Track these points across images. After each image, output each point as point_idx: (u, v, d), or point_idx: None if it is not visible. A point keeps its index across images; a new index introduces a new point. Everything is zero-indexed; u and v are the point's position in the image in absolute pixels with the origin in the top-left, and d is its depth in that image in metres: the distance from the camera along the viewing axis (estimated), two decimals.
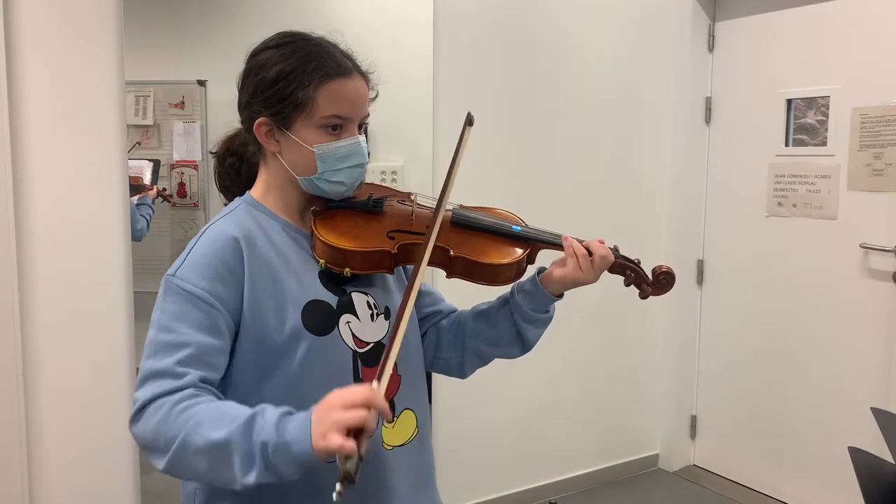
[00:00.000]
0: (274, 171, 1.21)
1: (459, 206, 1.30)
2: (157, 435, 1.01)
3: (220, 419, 0.97)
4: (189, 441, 0.97)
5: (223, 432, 0.96)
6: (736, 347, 3.39)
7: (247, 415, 0.97)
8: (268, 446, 0.94)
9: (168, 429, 0.99)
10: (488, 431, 3.07)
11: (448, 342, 1.35)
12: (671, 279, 1.30)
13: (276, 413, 0.97)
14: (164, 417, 1.00)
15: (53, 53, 2.09)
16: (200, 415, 0.99)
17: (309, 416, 0.94)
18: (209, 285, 1.09)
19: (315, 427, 0.92)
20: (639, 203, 3.40)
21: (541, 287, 1.25)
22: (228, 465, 0.96)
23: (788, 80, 3.11)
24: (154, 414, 1.01)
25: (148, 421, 1.02)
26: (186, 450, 0.98)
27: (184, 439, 0.98)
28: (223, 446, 0.95)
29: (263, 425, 0.95)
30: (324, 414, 0.92)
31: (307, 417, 0.94)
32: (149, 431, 1.02)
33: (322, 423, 0.91)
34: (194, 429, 0.97)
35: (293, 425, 0.94)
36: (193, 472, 1.01)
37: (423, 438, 1.27)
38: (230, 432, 0.95)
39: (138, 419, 1.03)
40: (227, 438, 0.95)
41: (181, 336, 1.06)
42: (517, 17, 2.97)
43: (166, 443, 0.99)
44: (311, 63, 1.14)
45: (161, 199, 2.85)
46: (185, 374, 1.04)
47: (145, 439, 1.03)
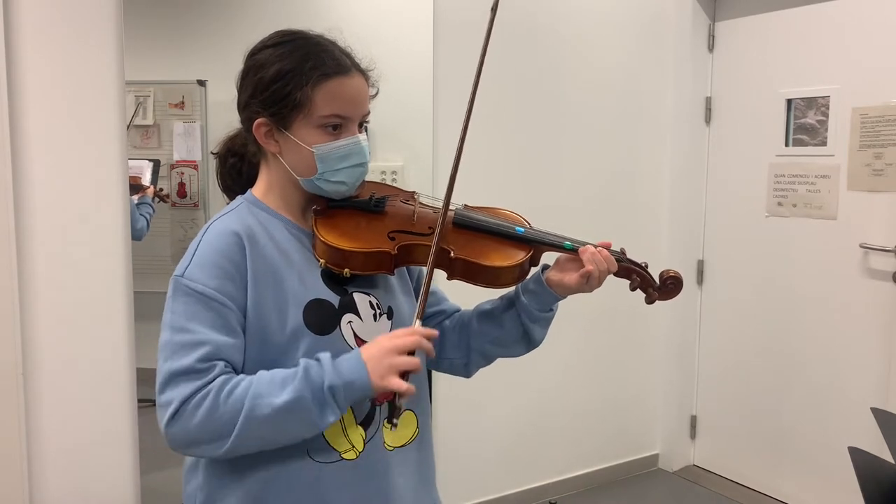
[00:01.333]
0: (275, 171, 1.20)
1: (463, 206, 1.29)
2: (206, 425, 1.03)
3: (274, 385, 1.04)
4: (254, 415, 1.02)
5: (287, 393, 1.03)
6: (736, 347, 3.39)
7: (300, 369, 1.05)
8: (334, 389, 1.04)
9: (223, 414, 1.03)
10: (489, 431, 3.07)
11: (453, 342, 1.35)
12: (679, 284, 1.28)
13: (327, 358, 1.07)
14: (212, 406, 1.03)
15: (53, 53, 2.09)
16: (253, 389, 1.04)
17: (359, 357, 1.06)
18: (218, 284, 1.09)
19: (372, 368, 1.05)
20: (639, 203, 3.40)
21: (546, 287, 1.24)
22: (305, 416, 1.04)
23: (788, 80, 3.11)
24: (197, 408, 1.03)
25: (190, 417, 1.03)
26: (253, 423, 1.02)
27: (247, 416, 1.02)
28: (295, 404, 1.03)
29: (322, 372, 1.05)
30: (379, 357, 1.06)
31: (358, 359, 1.06)
32: (194, 427, 1.03)
33: (379, 366, 1.05)
34: (254, 402, 1.03)
35: (348, 366, 1.06)
36: (261, 442, 1.07)
37: (423, 438, 1.27)
38: (296, 389, 1.03)
39: (176, 420, 1.04)
40: (297, 396, 1.03)
41: (197, 335, 1.06)
42: (517, 18, 2.96)
43: (223, 427, 1.03)
44: (308, 62, 1.13)
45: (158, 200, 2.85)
46: (210, 369, 1.05)
47: (190, 436, 1.04)
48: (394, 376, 1.04)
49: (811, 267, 3.06)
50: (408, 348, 1.06)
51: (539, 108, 3.07)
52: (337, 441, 1.14)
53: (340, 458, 1.14)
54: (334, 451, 1.14)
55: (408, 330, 1.09)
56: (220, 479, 1.15)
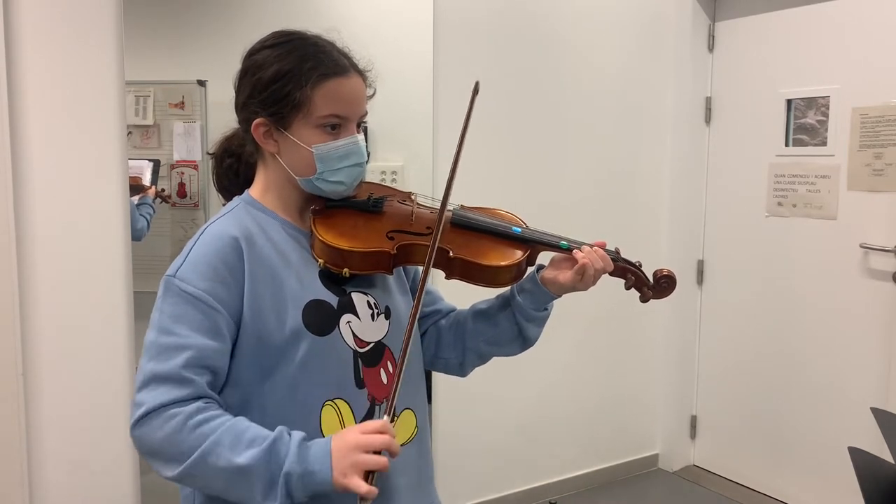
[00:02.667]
0: (272, 171, 1.20)
1: (460, 207, 1.29)
2: (166, 445, 1.02)
3: (239, 440, 1.01)
4: (207, 459, 1.00)
5: (245, 457, 0.99)
6: (736, 347, 3.39)
7: (268, 440, 1.01)
8: (291, 476, 0.99)
9: (181, 442, 1.01)
10: (488, 431, 3.07)
11: (448, 342, 1.35)
12: (672, 283, 1.29)
13: (295, 440, 1.02)
14: (177, 429, 1.01)
15: (53, 53, 2.09)
16: (218, 433, 1.01)
17: (328, 447, 1.01)
18: (209, 286, 1.08)
19: (336, 463, 1.00)
20: (639, 203, 3.40)
21: (541, 286, 1.25)
22: (249, 489, 1.00)
23: (788, 80, 3.11)
24: (164, 423, 1.02)
25: (156, 429, 1.02)
26: (204, 466, 1.00)
27: (202, 456, 1.00)
28: (245, 471, 0.99)
29: (286, 453, 1.00)
30: (345, 453, 1.00)
31: (326, 449, 1.01)
32: (156, 440, 1.02)
33: (343, 462, 0.99)
34: (213, 447, 1.00)
35: (314, 456, 1.01)
36: (205, 486, 1.05)
37: (422, 438, 1.27)
38: (253, 458, 0.99)
39: (142, 424, 1.03)
40: (250, 465, 0.99)
41: (181, 338, 1.06)
42: (517, 18, 2.96)
43: (178, 455, 1.01)
44: (307, 62, 1.13)
45: (159, 200, 2.85)
46: (190, 382, 1.04)
47: (150, 446, 1.04)
48: (356, 475, 0.99)
49: (811, 267, 3.06)
50: (376, 447, 1.00)
51: (539, 108, 3.07)
52: None
53: None
54: None
55: (379, 425, 1.03)
56: None
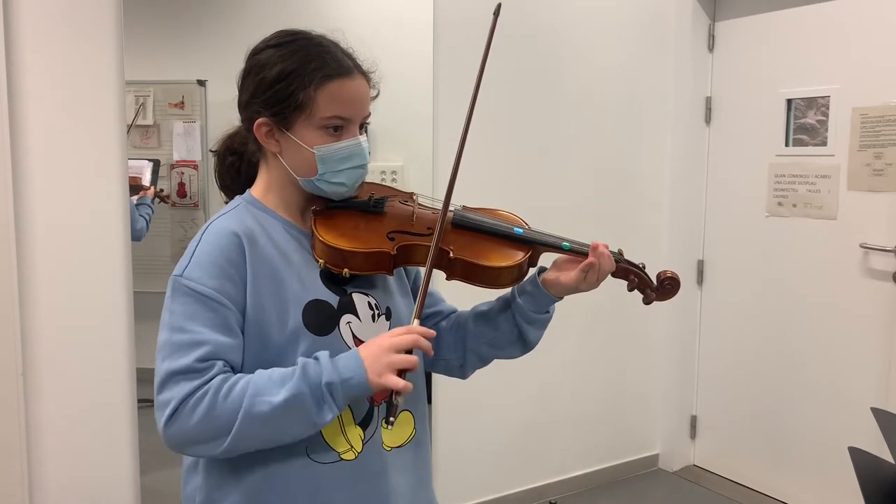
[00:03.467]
0: (274, 171, 1.20)
1: (462, 207, 1.29)
2: (205, 424, 1.03)
3: (272, 383, 1.04)
4: (252, 413, 1.02)
5: (285, 391, 1.03)
6: (736, 347, 3.39)
7: (298, 367, 1.06)
8: (332, 385, 1.04)
9: (221, 413, 1.03)
10: (488, 431, 3.07)
11: (448, 344, 1.35)
12: (676, 285, 1.28)
13: (325, 356, 1.07)
14: (210, 406, 1.03)
15: (53, 53, 2.09)
16: (251, 388, 1.04)
17: (357, 355, 1.06)
18: (217, 284, 1.09)
19: (370, 366, 1.05)
20: (639, 203, 3.40)
21: (542, 289, 1.25)
22: (303, 414, 1.04)
23: (788, 80, 3.11)
24: (195, 407, 1.03)
25: (189, 417, 1.03)
26: (251, 422, 1.02)
27: (246, 414, 1.02)
28: (293, 401, 1.03)
29: (320, 369, 1.05)
30: (377, 355, 1.06)
31: (356, 356, 1.06)
32: (192, 426, 1.03)
33: (377, 364, 1.05)
34: (253, 401, 1.03)
35: (346, 364, 1.06)
36: (260, 440, 1.07)
37: (420, 439, 1.27)
38: (294, 386, 1.03)
39: (175, 420, 1.04)
40: (295, 392, 1.03)
41: (196, 335, 1.06)
42: (517, 18, 2.96)
43: (222, 426, 1.03)
44: (311, 63, 1.13)
45: (158, 200, 2.85)
46: (208, 368, 1.05)
47: (188, 435, 1.04)
48: (391, 374, 1.04)
49: (811, 267, 3.06)
50: (405, 346, 1.06)
51: (539, 108, 3.07)
52: (336, 441, 1.14)
53: (339, 458, 1.15)
54: (333, 452, 1.14)
55: (406, 328, 1.08)
56: (219, 479, 1.15)
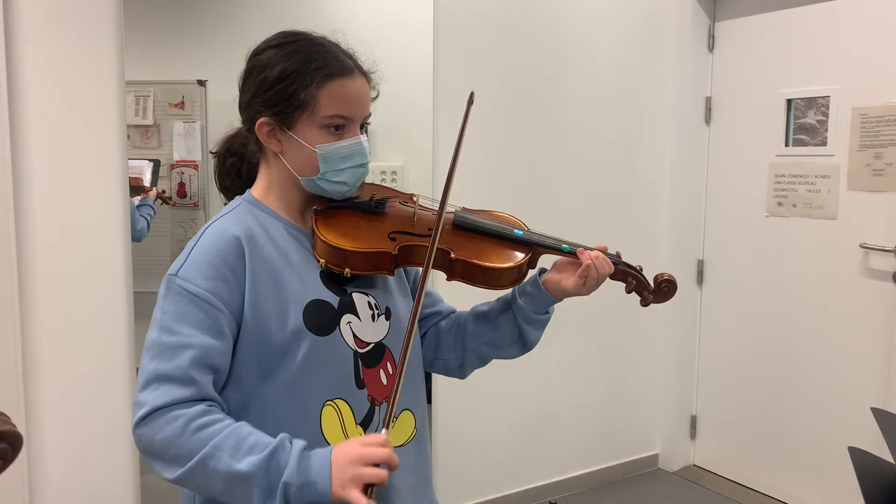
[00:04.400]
0: (275, 171, 1.21)
1: (462, 209, 1.29)
2: (167, 447, 1.02)
3: (240, 446, 1.01)
4: (207, 463, 1.00)
5: (245, 464, 0.99)
6: (736, 347, 3.39)
7: (269, 448, 1.01)
8: (290, 486, 0.99)
9: (183, 444, 1.01)
10: (488, 431, 3.07)
11: (448, 344, 1.35)
12: (673, 287, 1.29)
13: (296, 450, 1.01)
14: (178, 432, 1.01)
15: (53, 53, 2.09)
16: (220, 437, 1.01)
17: (328, 458, 1.01)
18: (211, 285, 1.08)
19: (336, 475, 0.99)
20: (639, 203, 3.40)
21: (543, 290, 1.25)
22: (248, 495, 1.00)
23: (788, 80, 3.11)
24: (166, 425, 1.02)
25: (157, 430, 1.02)
26: (204, 470, 1.00)
27: (202, 460, 1.00)
28: (245, 478, 0.99)
29: (286, 462, 1.00)
30: (345, 465, 0.99)
31: (327, 460, 1.00)
32: (157, 441, 1.02)
33: (343, 474, 0.99)
34: (214, 452, 1.00)
35: (314, 467, 1.00)
36: (205, 490, 1.04)
37: (421, 439, 1.27)
38: (253, 465, 0.99)
39: (144, 424, 1.03)
40: (250, 472, 0.99)
41: (184, 337, 1.06)
42: (517, 17, 2.96)
43: (179, 458, 1.01)
44: (313, 63, 1.13)
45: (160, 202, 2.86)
46: (193, 382, 1.04)
47: (151, 447, 1.04)
48: (354, 488, 0.98)
49: (811, 267, 3.06)
50: (376, 461, 1.00)
51: (538, 108, 3.07)
52: (337, 441, 1.14)
53: None
54: None
55: (380, 439, 1.02)
56: None
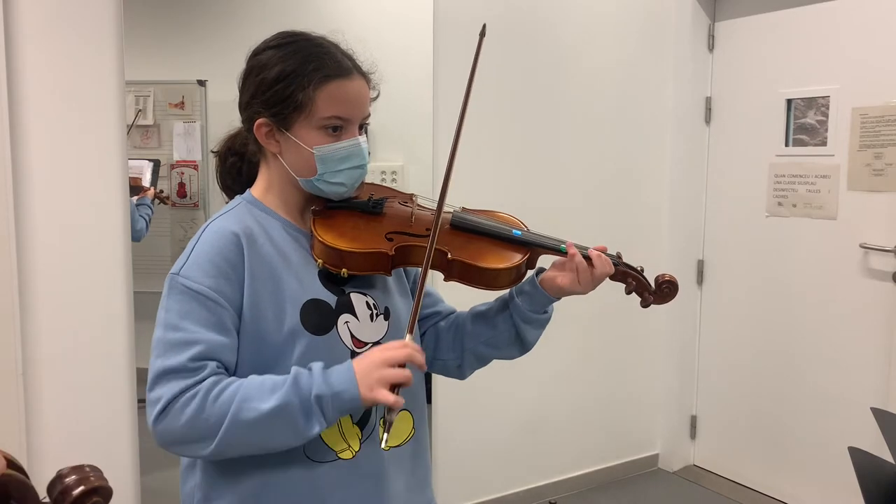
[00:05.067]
0: (274, 171, 1.21)
1: (461, 209, 1.29)
2: (193, 425, 1.03)
3: (262, 390, 1.04)
4: (240, 419, 1.02)
5: (275, 399, 1.03)
6: (736, 347, 3.39)
7: (290, 377, 1.05)
8: (322, 399, 1.04)
9: (209, 416, 1.03)
10: (488, 432, 3.07)
11: (447, 344, 1.35)
12: (674, 288, 1.28)
13: (318, 368, 1.06)
14: (199, 407, 1.03)
15: (53, 53, 2.09)
16: (241, 393, 1.04)
17: (351, 368, 1.05)
18: (214, 283, 1.09)
19: (361, 380, 1.04)
20: (639, 203, 3.40)
21: (540, 289, 1.25)
22: (290, 424, 1.04)
23: (788, 80, 3.11)
24: (185, 407, 1.03)
25: (178, 416, 1.03)
26: (238, 427, 1.02)
27: (233, 419, 1.02)
28: (280, 411, 1.03)
29: (311, 381, 1.04)
30: (370, 369, 1.05)
31: (350, 369, 1.05)
32: (180, 426, 1.04)
33: (369, 378, 1.04)
34: (241, 406, 1.02)
35: (338, 377, 1.05)
36: (246, 446, 1.06)
37: (419, 439, 1.27)
38: (283, 396, 1.03)
39: (163, 418, 1.04)
40: (284, 402, 1.03)
41: (190, 334, 1.07)
42: (517, 18, 2.96)
43: (209, 429, 1.03)
44: (311, 64, 1.13)
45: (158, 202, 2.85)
46: (201, 368, 1.06)
47: (176, 434, 1.05)
48: (383, 388, 1.04)
49: (811, 267, 3.06)
50: (399, 361, 1.06)
51: (538, 108, 3.07)
52: (333, 441, 1.15)
53: (337, 457, 1.15)
54: (331, 451, 1.15)
55: (400, 343, 1.08)
56: (217, 478, 1.15)
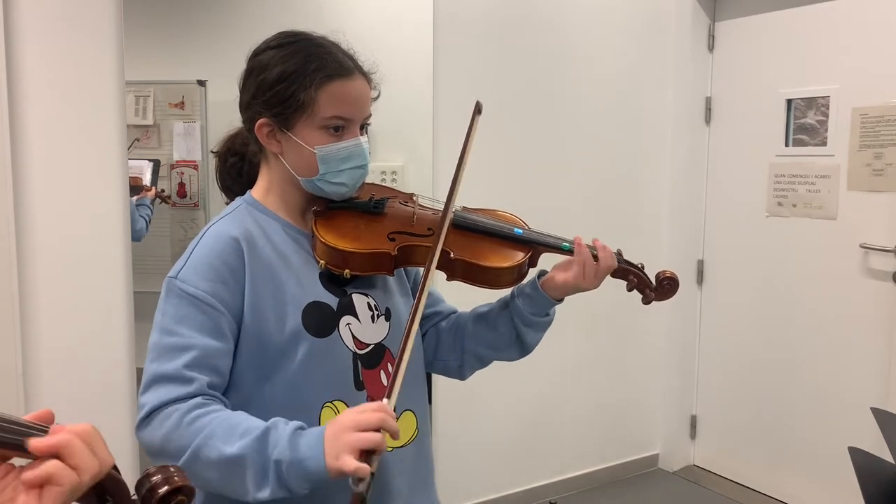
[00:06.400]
0: (275, 172, 1.20)
1: (462, 208, 1.29)
2: (166, 443, 1.01)
3: (232, 432, 0.98)
4: (201, 453, 0.98)
5: (236, 447, 0.97)
6: (736, 347, 3.39)
7: (260, 429, 0.98)
8: (282, 464, 0.96)
9: (179, 437, 1.00)
10: (489, 431, 3.07)
11: (448, 344, 1.35)
12: (675, 285, 1.28)
13: (289, 428, 0.98)
14: (175, 426, 1.00)
15: (53, 53, 2.09)
16: (212, 426, 0.99)
17: (321, 433, 0.96)
18: (211, 287, 1.08)
19: (328, 446, 0.94)
20: (639, 203, 3.40)
21: (541, 291, 1.25)
22: (241, 479, 0.97)
23: (788, 80, 3.11)
24: (164, 421, 1.02)
25: (157, 428, 1.02)
26: (198, 461, 0.98)
27: (195, 451, 0.99)
28: (236, 461, 0.97)
29: (277, 441, 0.97)
30: (338, 434, 0.94)
31: (320, 435, 0.96)
32: (157, 438, 1.02)
33: (336, 444, 0.94)
34: (206, 441, 0.98)
35: (306, 442, 0.96)
36: (204, 482, 1.02)
37: (422, 439, 1.27)
38: (244, 447, 0.97)
39: (146, 425, 1.03)
40: (241, 454, 0.97)
41: (185, 339, 1.06)
42: (517, 18, 2.96)
43: (176, 451, 1.00)
44: (312, 63, 1.13)
45: (159, 201, 2.85)
46: (192, 380, 1.04)
47: (153, 445, 1.03)
48: (348, 455, 0.92)
49: (811, 267, 3.06)
50: (371, 426, 0.94)
51: (539, 108, 3.07)
52: None
53: None
54: None
55: (374, 405, 0.98)
56: None
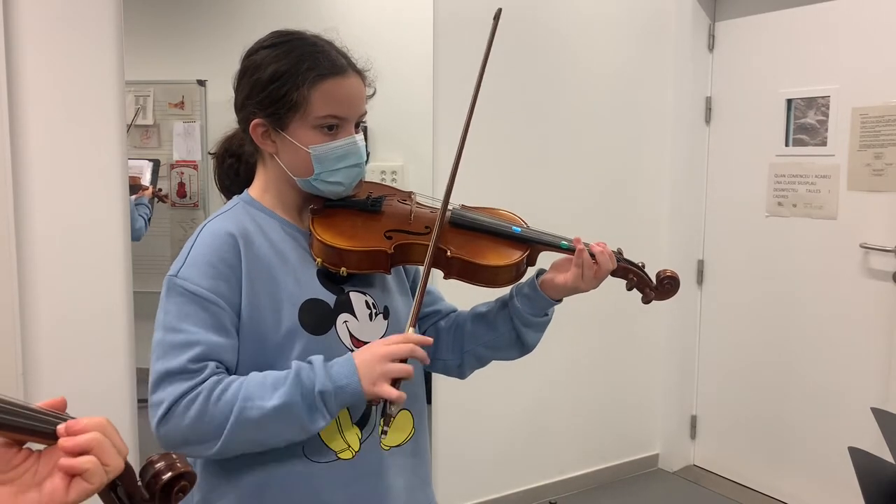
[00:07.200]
0: (271, 171, 1.21)
1: (460, 206, 1.29)
2: (196, 427, 1.03)
3: (264, 389, 1.04)
4: (244, 418, 1.02)
5: (278, 397, 1.03)
6: (736, 347, 3.39)
7: (292, 372, 1.06)
8: (325, 394, 1.04)
9: (213, 415, 1.03)
10: (488, 431, 3.07)
11: (447, 344, 1.34)
12: (676, 284, 1.27)
13: (319, 361, 1.07)
14: (202, 408, 1.03)
15: (54, 53, 2.09)
16: (243, 392, 1.04)
17: (352, 362, 1.06)
18: (212, 284, 1.09)
19: (363, 373, 1.05)
20: (639, 203, 3.40)
21: (540, 292, 1.24)
22: (294, 422, 1.04)
23: (788, 80, 3.11)
24: (187, 409, 1.03)
25: (181, 418, 1.04)
26: (243, 426, 1.03)
27: (237, 419, 1.02)
28: (285, 408, 1.03)
29: (313, 376, 1.05)
30: (371, 363, 1.05)
31: (351, 362, 1.06)
32: (184, 427, 1.04)
33: (371, 372, 1.05)
34: (244, 405, 1.03)
35: (340, 371, 1.06)
36: (251, 444, 1.07)
37: (419, 439, 1.27)
38: (286, 393, 1.03)
39: (167, 421, 1.04)
40: (288, 399, 1.03)
41: (189, 335, 1.07)
42: (517, 17, 2.96)
43: (213, 429, 1.03)
44: (304, 63, 1.13)
45: (157, 200, 2.85)
46: (201, 370, 1.06)
47: (180, 436, 1.05)
48: (385, 383, 1.04)
49: (811, 267, 3.06)
50: (401, 355, 1.06)
51: (539, 108, 3.07)
52: (333, 441, 1.14)
53: (336, 457, 1.15)
54: (330, 451, 1.14)
55: (401, 336, 1.08)
56: (217, 477, 1.15)
